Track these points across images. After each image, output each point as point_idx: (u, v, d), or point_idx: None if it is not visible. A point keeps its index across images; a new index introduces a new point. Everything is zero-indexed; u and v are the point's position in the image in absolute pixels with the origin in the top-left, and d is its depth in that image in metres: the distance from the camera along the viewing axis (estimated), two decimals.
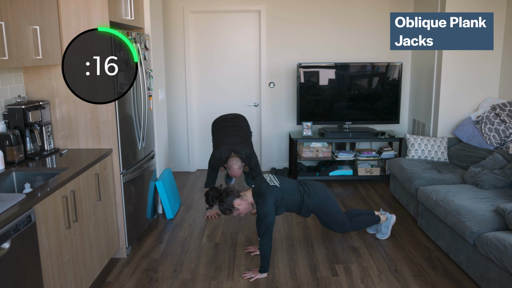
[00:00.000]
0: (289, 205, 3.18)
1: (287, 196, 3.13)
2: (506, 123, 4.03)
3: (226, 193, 3.12)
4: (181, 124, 5.63)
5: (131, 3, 3.48)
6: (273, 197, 3.05)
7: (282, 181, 3.22)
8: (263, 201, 3.03)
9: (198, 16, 5.41)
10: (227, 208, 3.10)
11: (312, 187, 3.27)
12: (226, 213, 3.13)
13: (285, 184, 3.20)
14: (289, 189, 3.18)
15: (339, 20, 5.33)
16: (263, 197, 3.03)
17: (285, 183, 3.22)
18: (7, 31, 2.39)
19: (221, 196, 3.11)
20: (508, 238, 2.60)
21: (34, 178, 2.71)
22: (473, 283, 2.96)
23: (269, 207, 3.01)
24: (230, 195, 3.10)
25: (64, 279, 2.46)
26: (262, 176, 3.29)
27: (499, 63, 4.55)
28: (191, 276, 3.10)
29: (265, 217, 3.00)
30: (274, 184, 3.13)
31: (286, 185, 3.18)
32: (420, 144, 4.46)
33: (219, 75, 5.56)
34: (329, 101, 5.27)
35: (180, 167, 5.74)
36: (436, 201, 3.41)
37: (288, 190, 3.17)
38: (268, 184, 3.13)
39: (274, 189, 3.09)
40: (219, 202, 3.11)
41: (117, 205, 3.28)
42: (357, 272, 3.13)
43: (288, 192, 3.16)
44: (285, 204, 3.15)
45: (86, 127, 3.18)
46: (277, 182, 3.18)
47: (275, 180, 3.20)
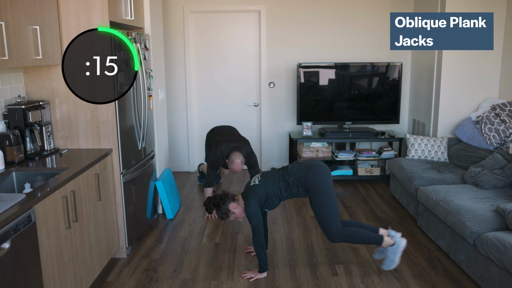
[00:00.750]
0: (278, 194, 3.09)
1: (269, 189, 3.07)
2: (506, 123, 4.03)
3: (221, 198, 3.11)
4: (181, 124, 5.63)
5: (131, 3, 3.48)
6: (254, 198, 3.03)
7: (264, 176, 3.15)
8: (246, 203, 3.04)
9: (198, 16, 5.41)
10: (224, 213, 3.09)
11: (295, 165, 3.14)
12: (224, 218, 3.11)
13: (265, 178, 3.13)
14: (270, 181, 3.10)
15: (339, 20, 5.33)
16: (246, 200, 3.05)
17: (266, 176, 3.14)
18: (7, 31, 2.39)
19: (218, 202, 3.10)
20: (508, 238, 2.60)
21: (34, 178, 2.71)
22: (473, 283, 2.96)
23: (251, 209, 3.00)
24: (226, 200, 3.09)
25: (64, 279, 2.46)
26: (250, 179, 3.27)
27: (499, 63, 4.55)
28: (191, 276, 3.10)
29: (250, 219, 3.01)
30: (255, 183, 3.11)
31: (265, 179, 3.12)
32: (420, 144, 4.46)
33: (219, 76, 5.56)
34: (329, 101, 5.27)
35: (180, 167, 5.74)
36: (436, 201, 3.41)
37: (269, 182, 3.09)
38: (249, 186, 3.12)
39: (254, 188, 3.07)
40: (216, 208, 3.10)
41: (117, 205, 3.28)
42: (357, 272, 3.13)
43: (269, 184, 3.08)
44: (272, 196, 3.08)
45: (86, 127, 3.18)
46: (258, 179, 3.14)
47: (257, 179, 3.16)
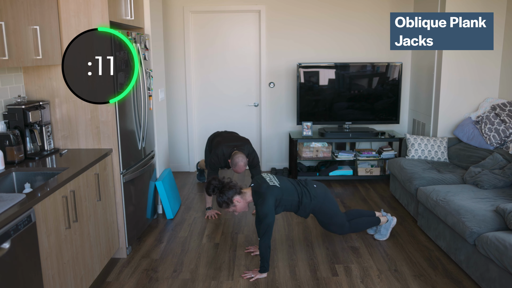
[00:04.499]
0: (287, 205, 3.18)
1: (286, 196, 3.13)
2: (506, 123, 4.03)
3: (228, 186, 3.08)
4: (181, 124, 5.63)
5: (131, 3, 3.48)
6: (273, 197, 3.04)
7: (281, 181, 3.21)
8: (263, 201, 3.02)
9: (198, 16, 5.41)
10: (225, 201, 3.06)
11: (312, 189, 3.26)
12: (223, 206, 3.09)
13: (285, 184, 3.19)
14: (289, 189, 3.17)
15: (339, 20, 5.33)
16: (263, 197, 3.02)
17: (285, 183, 3.22)
18: (7, 31, 2.39)
19: (223, 188, 3.07)
20: (508, 238, 2.60)
21: (34, 178, 2.71)
22: (473, 283, 2.96)
23: (269, 207, 3.00)
24: (232, 189, 3.07)
25: (64, 279, 2.46)
26: (262, 176, 3.27)
27: (499, 63, 4.55)
28: (191, 276, 3.10)
29: (265, 217, 2.99)
30: (274, 184, 3.12)
31: (285, 185, 3.18)
32: (420, 144, 4.46)
33: (218, 76, 5.56)
34: (329, 101, 5.27)
35: (180, 167, 5.74)
36: (436, 201, 3.41)
37: (288, 190, 3.16)
38: (268, 184, 3.12)
39: (274, 189, 3.08)
40: (219, 193, 3.07)
41: (117, 205, 3.28)
42: (357, 272, 3.13)
43: (287, 192, 3.15)
44: (283, 204, 3.14)
45: (86, 127, 3.18)
46: (276, 182, 3.17)
47: (274, 180, 3.19)
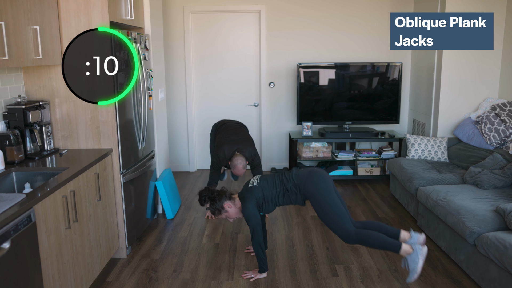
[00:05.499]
0: (274, 199, 3.07)
1: (266, 191, 3.05)
2: (506, 123, 4.03)
3: (218, 194, 3.09)
4: (181, 124, 5.63)
5: (131, 3, 3.48)
6: (252, 199, 3.02)
7: (262, 179, 3.14)
8: (244, 204, 3.03)
9: (198, 16, 5.41)
10: (217, 209, 3.07)
11: (294, 171, 3.13)
12: (215, 213, 3.10)
13: (264, 181, 3.12)
14: (268, 184, 3.09)
15: (339, 19, 5.33)
16: (244, 201, 3.04)
17: (265, 179, 3.13)
18: (7, 31, 2.39)
19: (213, 196, 3.09)
20: (508, 238, 2.60)
21: (34, 178, 2.71)
22: (473, 283, 2.96)
23: (249, 210, 2.99)
24: (222, 196, 3.08)
25: (64, 279, 2.46)
26: (249, 180, 3.25)
27: (499, 63, 4.55)
28: (191, 276, 3.10)
29: (248, 220, 3.00)
30: (253, 185, 3.10)
31: (264, 182, 3.11)
32: (420, 144, 4.46)
33: (218, 76, 5.56)
34: (329, 101, 5.27)
35: (180, 167, 5.74)
36: (436, 201, 3.41)
37: (267, 185, 3.08)
38: (247, 187, 3.10)
39: (253, 189, 3.06)
40: (210, 201, 3.08)
41: (117, 205, 3.28)
42: (357, 272, 3.13)
43: (267, 187, 3.06)
44: (269, 200, 3.06)
45: (86, 127, 3.18)
46: (256, 181, 3.13)
47: (256, 180, 3.15)
